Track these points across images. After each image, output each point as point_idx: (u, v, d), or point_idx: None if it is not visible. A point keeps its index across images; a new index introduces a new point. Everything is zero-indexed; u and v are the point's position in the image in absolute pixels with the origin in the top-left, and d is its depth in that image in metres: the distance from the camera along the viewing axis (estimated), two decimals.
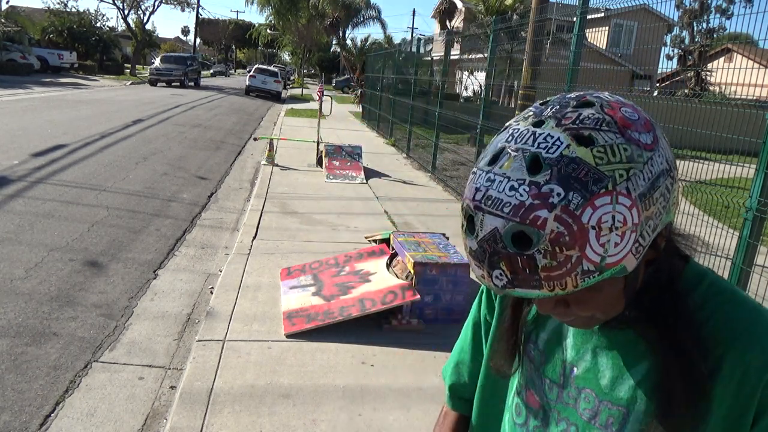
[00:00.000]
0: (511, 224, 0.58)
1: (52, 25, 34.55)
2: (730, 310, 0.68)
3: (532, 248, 0.58)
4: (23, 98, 16.18)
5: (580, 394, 0.75)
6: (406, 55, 13.75)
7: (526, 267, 0.58)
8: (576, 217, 0.57)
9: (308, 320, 3.53)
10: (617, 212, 0.57)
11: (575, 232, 0.57)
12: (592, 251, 0.57)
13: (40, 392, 2.86)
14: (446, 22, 30.65)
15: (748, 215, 3.12)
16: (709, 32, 26.59)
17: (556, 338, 0.80)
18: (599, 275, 0.59)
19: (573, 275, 0.58)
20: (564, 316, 0.69)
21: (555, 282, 0.59)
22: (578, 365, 0.76)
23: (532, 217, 0.57)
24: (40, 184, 6.63)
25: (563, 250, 0.57)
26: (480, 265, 0.62)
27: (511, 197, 0.58)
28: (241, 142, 12.20)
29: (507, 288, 0.61)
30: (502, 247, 0.59)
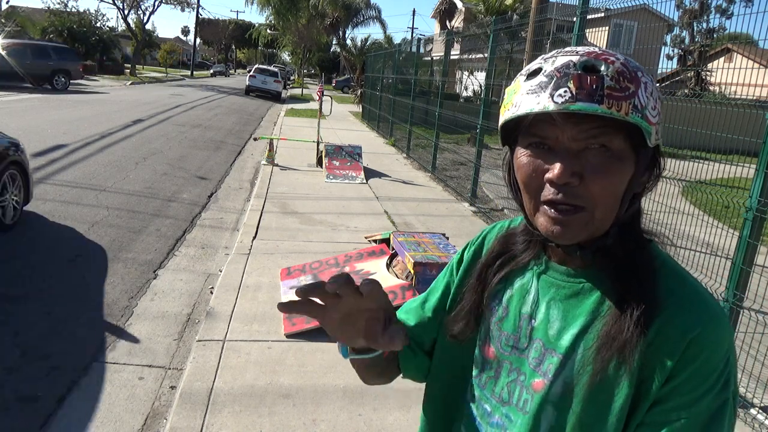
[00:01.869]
0: (585, 58, 0.69)
1: (52, 25, 34.53)
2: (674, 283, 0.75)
3: (600, 72, 0.67)
4: (23, 98, 16.17)
5: (532, 345, 0.80)
6: (406, 55, 13.75)
7: (594, 83, 0.66)
8: (633, 70, 0.69)
9: (308, 320, 3.53)
10: (654, 90, 0.70)
11: (633, 77, 0.68)
12: (643, 95, 0.68)
13: (40, 392, 2.86)
14: (446, 22, 30.64)
15: (748, 215, 3.12)
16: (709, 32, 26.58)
17: (520, 294, 0.84)
18: (641, 117, 0.67)
19: (627, 102, 0.67)
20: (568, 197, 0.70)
21: (614, 101, 0.66)
22: (536, 318, 0.81)
23: (603, 57, 0.69)
24: (40, 184, 6.62)
25: (624, 81, 0.67)
26: (538, 92, 0.69)
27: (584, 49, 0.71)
28: (241, 142, 12.20)
29: (568, 102, 0.66)
30: (573, 70, 0.68)
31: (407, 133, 11.68)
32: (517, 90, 0.72)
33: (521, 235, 0.87)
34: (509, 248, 0.88)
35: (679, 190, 3.82)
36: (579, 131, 0.68)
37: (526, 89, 0.70)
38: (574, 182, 0.69)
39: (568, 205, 0.70)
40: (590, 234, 0.73)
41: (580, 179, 0.69)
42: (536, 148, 0.72)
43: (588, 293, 0.77)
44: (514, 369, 0.82)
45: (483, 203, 7.67)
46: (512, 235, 0.89)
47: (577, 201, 0.70)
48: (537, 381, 0.78)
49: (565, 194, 0.70)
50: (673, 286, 0.74)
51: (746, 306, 3.25)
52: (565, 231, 0.72)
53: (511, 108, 0.72)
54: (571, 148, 0.70)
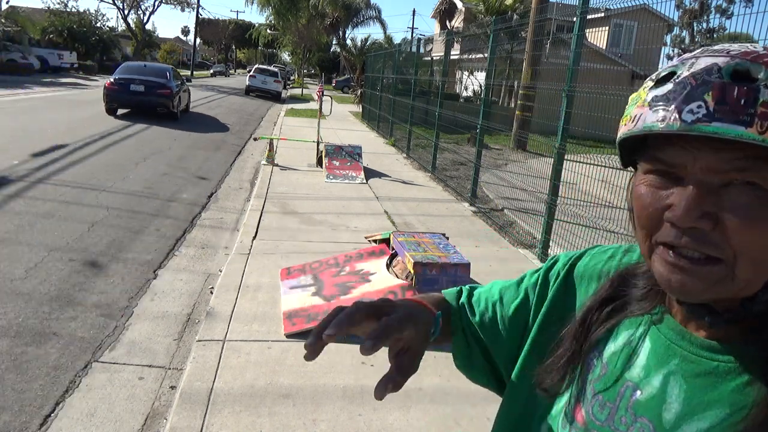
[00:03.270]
0: (737, 61, 0.51)
1: (52, 25, 34.57)
2: None
3: (756, 82, 0.50)
4: (23, 98, 16.18)
5: (635, 423, 0.62)
6: (406, 55, 13.76)
7: (742, 98, 0.50)
8: None
9: (308, 320, 3.53)
10: None
11: None
12: None
13: (40, 392, 2.86)
14: (446, 22, 30.65)
15: None
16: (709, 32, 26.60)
17: (625, 352, 0.66)
18: None
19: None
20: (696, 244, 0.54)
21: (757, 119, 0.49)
22: (643, 389, 0.63)
23: (765, 60, 0.51)
24: (40, 184, 6.63)
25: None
26: (664, 105, 0.53)
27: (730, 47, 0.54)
28: (241, 142, 12.20)
29: (700, 121, 0.51)
30: (716, 77, 0.51)
31: (407, 133, 11.68)
32: (641, 99, 0.57)
33: (642, 277, 0.68)
34: (624, 292, 0.69)
35: None
36: (718, 160, 0.52)
37: (650, 98, 0.55)
38: (705, 226, 0.53)
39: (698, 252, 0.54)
40: (729, 295, 0.55)
41: (714, 223, 0.53)
42: (660, 177, 0.56)
43: (726, 376, 0.58)
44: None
45: (483, 203, 7.67)
46: (631, 275, 0.70)
47: (711, 250, 0.53)
48: None
49: (692, 240, 0.54)
50: None
51: None
52: (688, 283, 0.54)
53: (629, 122, 0.58)
54: (707, 181, 0.53)
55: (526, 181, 6.84)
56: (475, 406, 2.87)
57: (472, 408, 2.85)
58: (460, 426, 2.71)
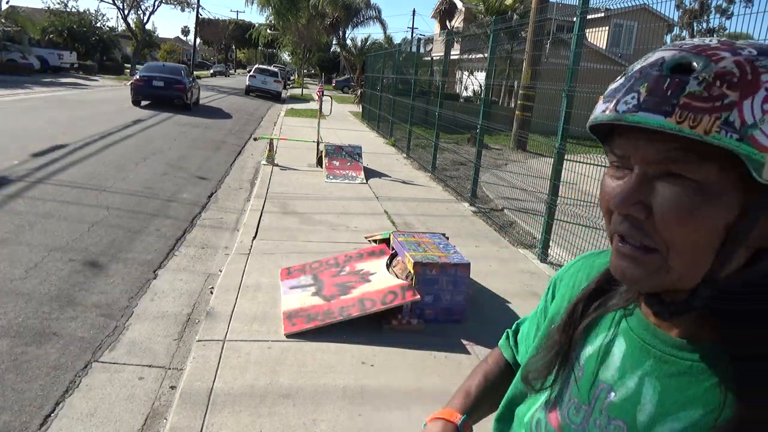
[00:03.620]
0: (682, 54, 0.53)
1: (52, 25, 34.56)
2: None
3: (689, 75, 0.51)
4: (23, 98, 16.18)
5: (609, 425, 0.62)
6: (406, 55, 13.76)
7: (669, 89, 0.51)
8: (756, 71, 0.50)
9: (308, 320, 3.53)
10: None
11: (746, 81, 0.50)
12: (749, 108, 0.49)
13: (40, 392, 2.86)
14: (446, 22, 30.65)
15: None
16: (709, 32, 26.59)
17: (601, 355, 0.66)
18: (737, 140, 0.49)
19: (714, 116, 0.49)
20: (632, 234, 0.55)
21: (690, 113, 0.50)
22: (617, 390, 0.63)
23: (710, 53, 0.52)
24: (40, 184, 6.63)
25: (723, 86, 0.50)
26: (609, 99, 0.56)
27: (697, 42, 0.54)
28: (241, 142, 12.20)
29: (629, 112, 0.52)
30: (656, 69, 0.53)
31: (407, 133, 11.68)
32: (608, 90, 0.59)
33: None
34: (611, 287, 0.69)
35: None
36: (650, 151, 0.54)
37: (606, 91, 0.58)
38: (637, 215, 0.55)
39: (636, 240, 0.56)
40: (667, 286, 0.56)
41: (647, 213, 0.54)
42: (617, 168, 0.58)
43: (700, 376, 0.57)
44: None
45: (483, 203, 7.67)
46: None
47: (645, 239, 0.55)
48: None
49: (630, 227, 0.56)
50: None
51: None
52: (631, 270, 0.56)
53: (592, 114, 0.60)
54: (647, 172, 0.54)
55: (526, 181, 6.84)
56: None
57: None
58: None
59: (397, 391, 2.95)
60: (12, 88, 18.95)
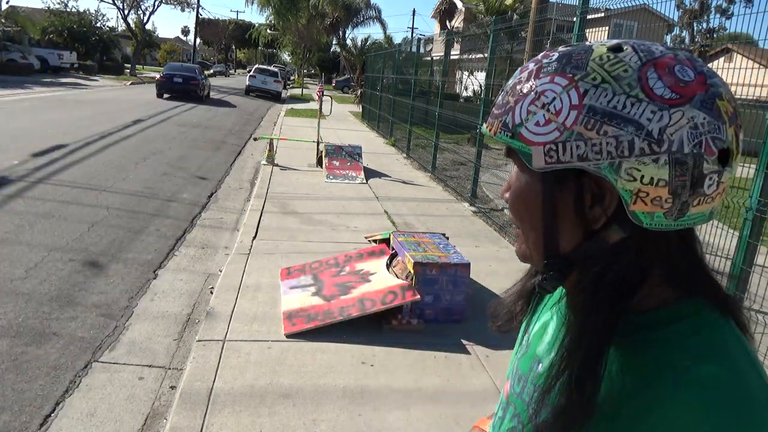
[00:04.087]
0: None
1: (52, 25, 34.56)
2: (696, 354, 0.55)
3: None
4: (23, 98, 16.18)
5: (535, 392, 0.68)
6: (406, 55, 13.75)
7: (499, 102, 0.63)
8: (535, 78, 0.59)
9: (308, 320, 3.53)
10: (560, 98, 0.56)
11: (524, 89, 0.60)
12: (519, 111, 0.59)
13: (40, 392, 2.86)
14: (446, 22, 30.65)
15: (748, 215, 3.12)
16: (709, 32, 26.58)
17: (540, 331, 0.74)
18: (509, 138, 0.60)
19: (498, 120, 0.61)
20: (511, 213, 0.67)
21: (492, 120, 0.62)
22: (543, 361, 0.69)
23: (526, 65, 0.62)
24: (40, 184, 6.63)
25: (508, 95, 0.61)
26: None
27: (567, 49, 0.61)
28: (241, 142, 12.20)
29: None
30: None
31: (407, 133, 11.68)
32: None
33: None
34: None
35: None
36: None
37: None
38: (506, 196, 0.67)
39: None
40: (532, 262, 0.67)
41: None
42: None
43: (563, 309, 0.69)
44: (515, 416, 0.71)
45: (483, 203, 7.67)
46: None
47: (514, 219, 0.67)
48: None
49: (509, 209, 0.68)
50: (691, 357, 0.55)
51: (746, 306, 3.25)
52: (517, 249, 0.68)
53: None
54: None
55: None
56: (475, 406, 2.88)
57: (472, 408, 2.85)
58: (459, 426, 2.71)
59: (397, 391, 2.96)
60: (12, 88, 18.95)
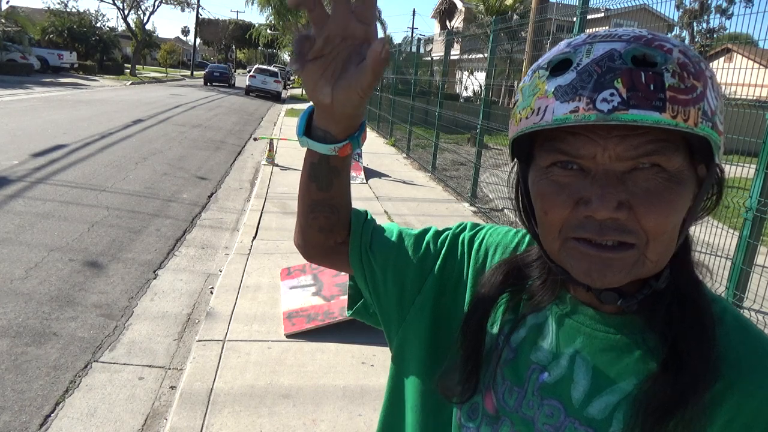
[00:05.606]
0: (633, 46, 0.51)
1: (52, 25, 34.56)
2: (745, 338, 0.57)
3: (657, 66, 0.50)
4: (23, 98, 16.18)
5: (542, 405, 0.62)
6: (406, 55, 13.76)
7: (651, 83, 0.49)
8: (697, 61, 0.52)
9: (308, 320, 3.53)
10: (717, 89, 0.53)
11: (699, 70, 0.51)
12: (711, 96, 0.51)
13: (40, 392, 2.86)
14: (446, 22, 30.66)
15: (748, 215, 3.12)
16: (709, 32, 26.59)
17: (533, 337, 0.66)
18: (711, 127, 0.51)
19: (697, 108, 0.50)
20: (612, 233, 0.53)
21: (680, 107, 0.49)
22: (551, 371, 0.63)
23: (657, 44, 0.51)
24: (40, 184, 6.63)
25: (690, 77, 0.50)
26: (573, 96, 0.51)
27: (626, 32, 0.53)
28: (241, 142, 12.20)
29: (618, 110, 0.49)
30: (621, 63, 0.50)
31: (407, 133, 11.68)
32: (539, 89, 0.54)
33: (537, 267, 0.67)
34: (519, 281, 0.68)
35: None
36: (627, 148, 0.51)
37: (552, 89, 0.52)
38: (621, 216, 0.52)
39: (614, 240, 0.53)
40: (641, 276, 0.56)
41: (628, 210, 0.52)
42: (563, 169, 0.55)
43: (628, 349, 0.59)
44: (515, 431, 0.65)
45: (483, 203, 7.67)
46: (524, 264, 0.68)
47: (627, 237, 0.53)
48: None
49: (610, 230, 0.53)
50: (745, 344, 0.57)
51: (746, 306, 3.25)
52: (605, 273, 0.54)
53: (531, 115, 0.54)
54: (615, 169, 0.52)
55: None
56: None
57: None
58: None
59: None
60: (12, 88, 18.96)
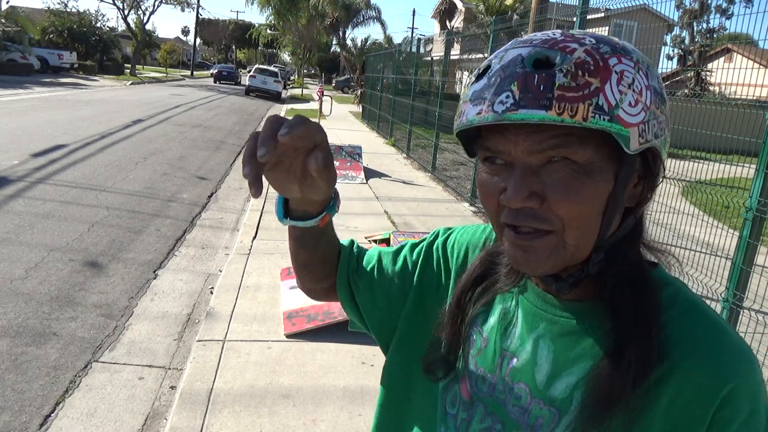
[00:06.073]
0: (538, 50, 0.56)
1: (52, 25, 34.55)
2: (693, 320, 0.62)
3: (554, 68, 0.55)
4: (23, 98, 16.18)
5: (512, 389, 0.67)
6: (406, 55, 13.76)
7: (541, 83, 0.54)
8: (603, 57, 0.56)
9: (308, 320, 3.53)
10: (637, 79, 0.57)
11: (600, 67, 0.55)
12: (611, 91, 0.55)
13: (40, 392, 2.86)
14: (446, 22, 30.66)
15: (748, 215, 3.12)
16: (709, 32, 26.59)
17: (502, 325, 0.71)
18: (608, 121, 0.54)
19: (587, 104, 0.54)
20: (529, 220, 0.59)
21: (567, 104, 0.54)
22: (519, 356, 0.68)
23: (562, 45, 0.56)
24: (40, 184, 6.63)
25: (585, 75, 0.55)
26: (479, 101, 0.58)
27: (542, 36, 0.58)
28: (241, 142, 12.20)
29: (509, 110, 0.55)
30: (520, 67, 0.56)
31: (407, 133, 11.68)
32: (465, 94, 0.61)
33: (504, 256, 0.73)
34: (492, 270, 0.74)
35: (679, 190, 3.83)
36: (533, 143, 0.57)
37: (470, 94, 0.59)
38: (533, 205, 0.58)
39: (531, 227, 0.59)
40: (566, 261, 0.61)
41: (541, 200, 0.58)
42: (492, 164, 0.61)
43: (584, 333, 0.64)
44: (488, 414, 0.69)
45: None
46: (495, 254, 0.75)
47: (542, 225, 0.59)
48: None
49: (525, 217, 0.59)
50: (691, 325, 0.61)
51: (746, 306, 3.25)
52: (530, 257, 0.60)
53: (457, 118, 0.62)
54: (529, 162, 0.58)
55: None
56: None
57: None
58: None
59: None
60: (12, 88, 18.95)
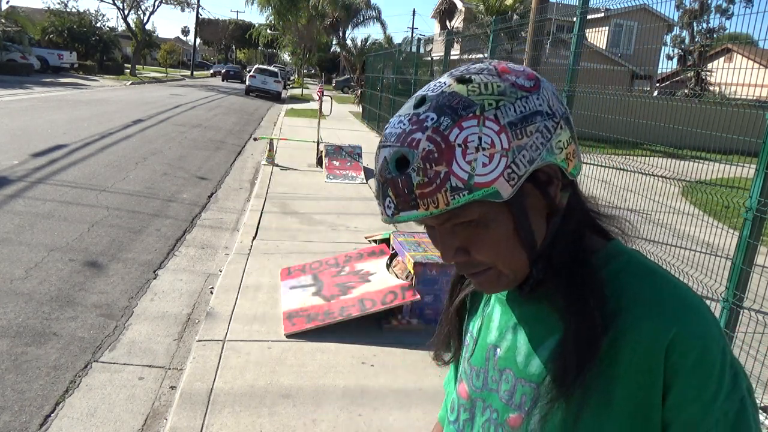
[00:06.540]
0: (395, 149, 0.63)
1: (52, 25, 34.53)
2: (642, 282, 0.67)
3: (408, 168, 0.61)
4: (23, 98, 16.18)
5: (501, 377, 0.74)
6: (406, 55, 13.76)
7: (404, 187, 0.62)
8: (444, 136, 0.60)
9: (308, 320, 3.53)
10: (484, 134, 0.61)
11: (443, 149, 0.60)
12: (459, 167, 0.60)
13: (40, 392, 2.86)
14: (446, 22, 30.65)
15: (748, 215, 3.12)
16: (709, 32, 26.61)
17: (486, 323, 0.79)
18: (469, 194, 0.61)
19: (443, 191, 0.60)
20: (468, 268, 0.70)
21: (428, 199, 0.61)
22: (501, 346, 0.75)
23: (410, 140, 0.62)
24: (40, 184, 6.63)
25: (433, 165, 0.60)
26: (380, 205, 0.66)
27: (397, 129, 0.64)
28: (241, 142, 12.20)
29: (394, 214, 0.64)
30: (388, 173, 0.63)
31: None
32: None
33: None
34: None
35: (679, 190, 3.83)
36: (434, 219, 0.66)
37: (375, 191, 0.68)
38: (464, 258, 0.68)
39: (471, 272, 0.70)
40: (513, 283, 0.71)
41: (466, 252, 0.68)
42: (427, 227, 0.71)
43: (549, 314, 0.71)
44: (487, 407, 0.75)
45: None
46: None
47: (477, 268, 0.69)
48: (513, 416, 0.71)
49: (464, 267, 0.70)
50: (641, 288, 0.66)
51: (746, 306, 3.25)
52: (484, 287, 0.72)
53: None
54: (445, 227, 0.67)
55: None
56: None
57: None
58: None
59: (397, 391, 2.95)
60: (12, 88, 18.95)
